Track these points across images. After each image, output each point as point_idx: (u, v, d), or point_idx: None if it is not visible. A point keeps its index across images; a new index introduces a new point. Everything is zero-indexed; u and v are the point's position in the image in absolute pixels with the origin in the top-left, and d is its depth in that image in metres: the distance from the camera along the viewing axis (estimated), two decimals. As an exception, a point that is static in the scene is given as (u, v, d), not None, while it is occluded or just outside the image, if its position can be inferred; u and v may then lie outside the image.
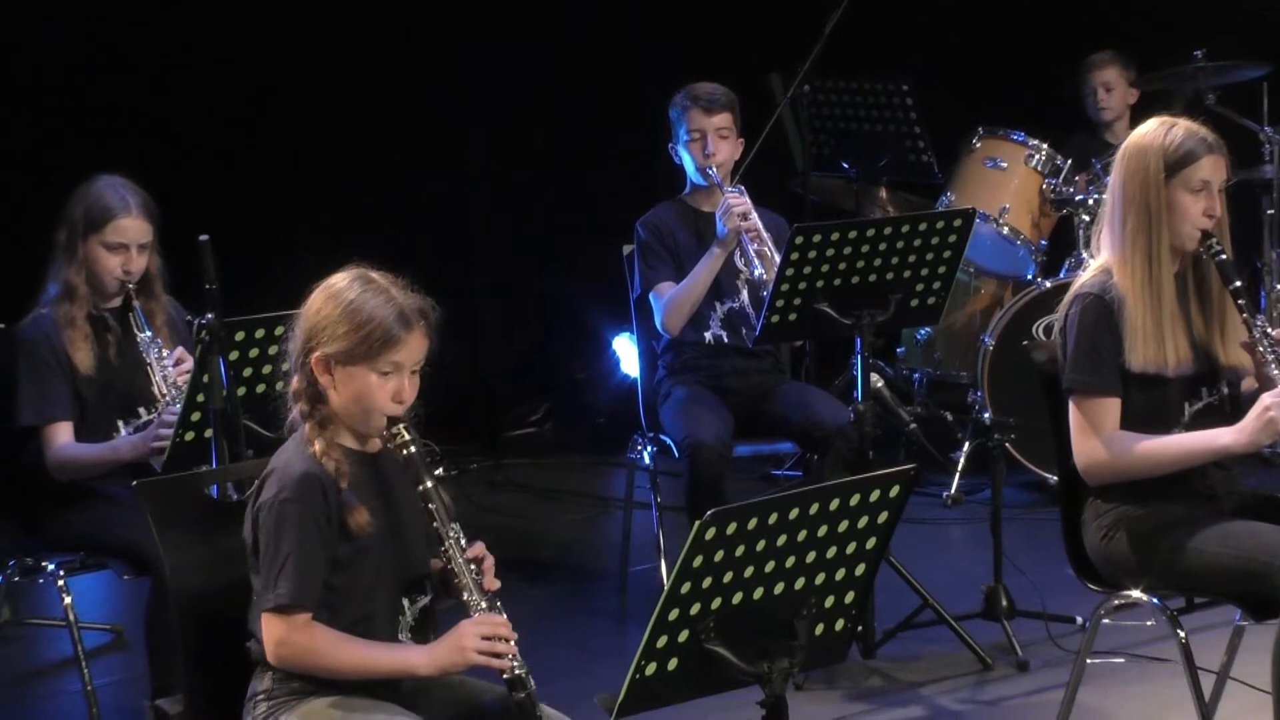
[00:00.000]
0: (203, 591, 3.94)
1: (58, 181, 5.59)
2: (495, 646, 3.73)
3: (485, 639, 3.73)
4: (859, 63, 8.25)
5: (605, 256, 6.71)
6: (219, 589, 3.90)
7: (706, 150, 6.32)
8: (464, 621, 3.77)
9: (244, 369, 5.08)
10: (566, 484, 8.38)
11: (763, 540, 3.45)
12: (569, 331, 9.06)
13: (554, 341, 9.14)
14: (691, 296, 6.28)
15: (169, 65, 8.04)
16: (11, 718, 5.76)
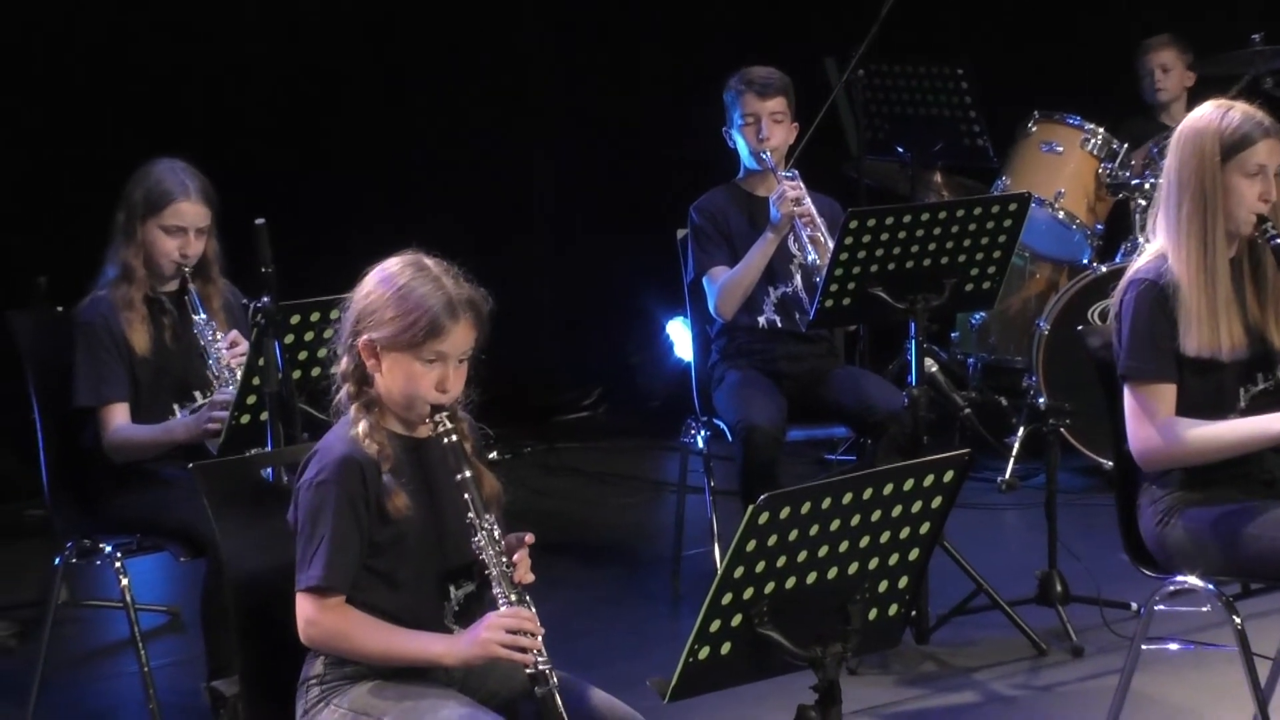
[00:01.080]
0: (258, 574, 3.96)
1: (117, 165, 5.62)
2: (519, 641, 3.71)
3: (510, 633, 3.72)
4: (914, 46, 8.23)
5: (659, 241, 6.71)
6: (274, 571, 3.92)
7: (761, 135, 6.31)
8: (490, 614, 3.77)
9: (299, 352, 5.10)
10: (620, 468, 8.38)
11: (816, 525, 3.45)
12: (623, 316, 9.06)
13: (608, 326, 9.15)
14: (745, 281, 6.28)
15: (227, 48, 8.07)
16: (70, 698, 5.80)
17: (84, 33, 7.73)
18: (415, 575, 3.85)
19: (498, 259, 6.44)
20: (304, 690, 3.86)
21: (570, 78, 8.91)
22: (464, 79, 8.69)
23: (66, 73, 7.67)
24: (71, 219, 7.39)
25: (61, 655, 5.96)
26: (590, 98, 8.92)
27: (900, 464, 3.60)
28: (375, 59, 8.41)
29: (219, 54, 8.06)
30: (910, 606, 3.73)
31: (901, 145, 8.23)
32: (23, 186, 7.57)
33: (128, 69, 7.83)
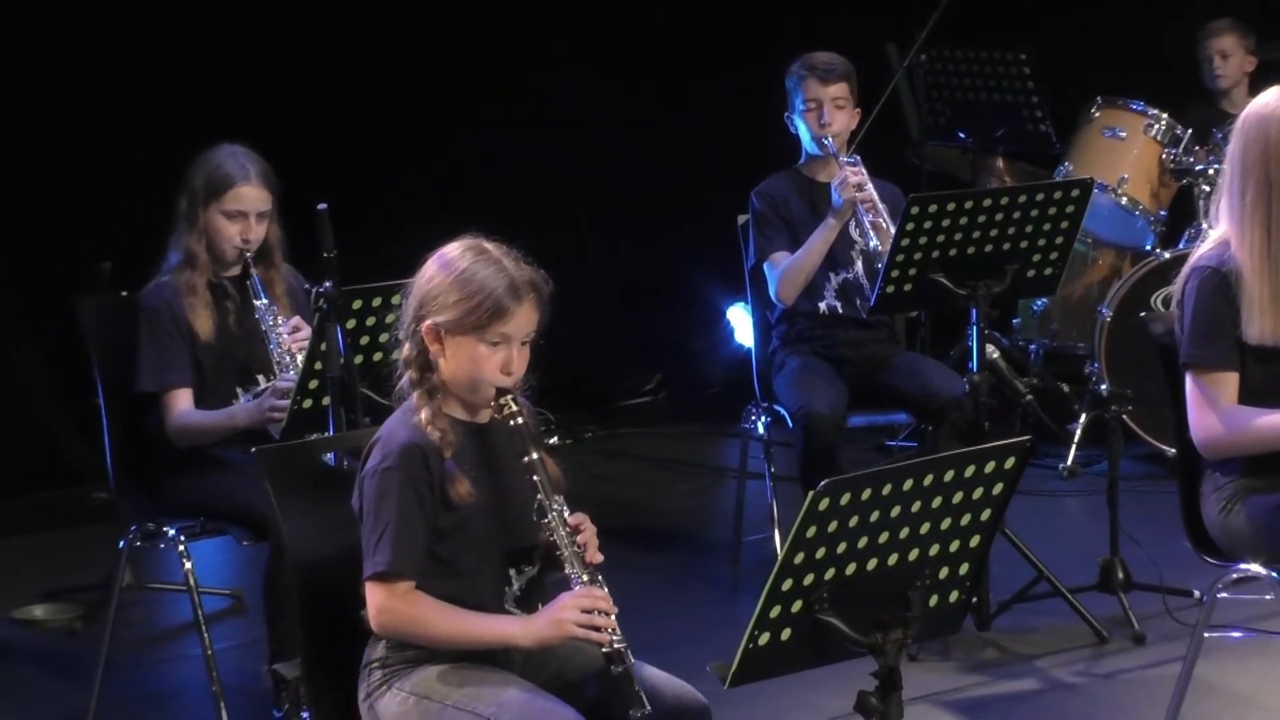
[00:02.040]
0: (320, 558, 3.98)
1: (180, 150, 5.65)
2: (594, 620, 3.73)
3: (585, 612, 3.74)
4: (977, 31, 8.20)
5: (720, 226, 6.71)
6: (336, 556, 3.94)
7: (822, 120, 6.30)
8: (564, 594, 3.78)
9: (361, 337, 5.11)
10: (680, 454, 8.39)
11: (876, 511, 3.45)
12: (683, 301, 9.06)
13: (668, 311, 9.15)
14: (806, 267, 6.27)
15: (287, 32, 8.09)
16: (134, 680, 5.84)
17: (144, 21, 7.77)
18: (477, 560, 3.87)
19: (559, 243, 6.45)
20: (366, 673, 3.88)
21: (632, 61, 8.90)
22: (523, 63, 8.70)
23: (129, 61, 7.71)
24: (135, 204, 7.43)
25: (126, 638, 6.00)
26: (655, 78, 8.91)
27: (961, 450, 3.60)
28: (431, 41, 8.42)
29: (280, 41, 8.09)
30: (971, 593, 3.72)
31: (963, 131, 8.21)
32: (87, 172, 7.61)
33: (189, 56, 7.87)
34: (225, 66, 7.93)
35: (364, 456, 3.87)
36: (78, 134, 7.58)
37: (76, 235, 7.52)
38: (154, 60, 7.79)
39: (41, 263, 7.29)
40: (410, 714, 3.80)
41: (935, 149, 8.33)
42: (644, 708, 3.68)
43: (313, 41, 8.17)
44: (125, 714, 5.60)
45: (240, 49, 7.97)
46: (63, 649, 6.20)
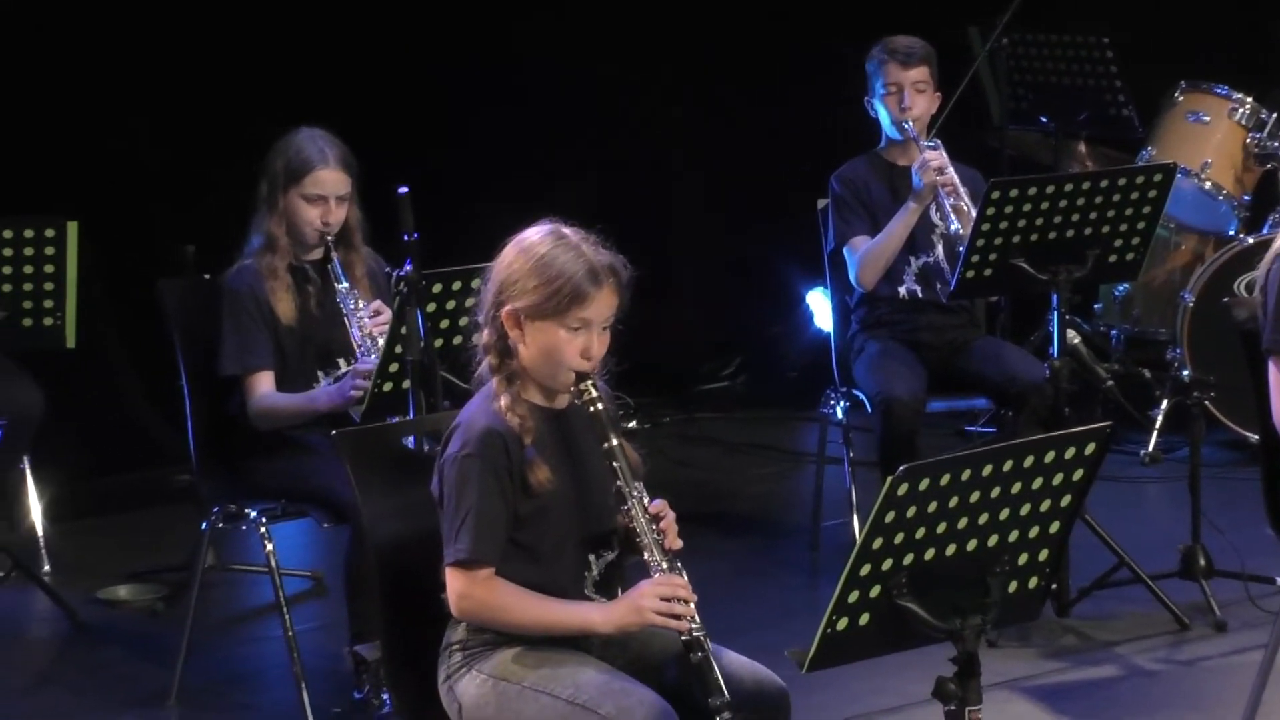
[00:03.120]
0: (400, 541, 4.00)
1: (261, 134, 5.68)
2: (674, 608, 3.74)
3: (664, 599, 3.75)
4: (1059, 15, 8.15)
5: (800, 211, 6.69)
6: (416, 539, 3.95)
7: (903, 104, 6.28)
8: (643, 581, 3.79)
9: (441, 320, 5.13)
10: (758, 438, 8.38)
11: (956, 496, 3.44)
12: (762, 286, 9.04)
13: (747, 296, 9.13)
14: (886, 251, 6.25)
15: (369, 17, 8.12)
16: (216, 661, 5.88)
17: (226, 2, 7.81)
18: (557, 546, 3.88)
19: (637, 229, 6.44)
20: (445, 656, 3.90)
21: (711, 47, 8.89)
22: (602, 49, 8.70)
23: (212, 44, 7.76)
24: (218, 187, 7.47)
25: (208, 619, 6.04)
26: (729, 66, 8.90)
27: (1041, 436, 3.58)
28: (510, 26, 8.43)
29: (362, 23, 8.11)
30: (1050, 579, 3.71)
31: (1045, 115, 8.16)
32: (171, 156, 7.66)
33: (271, 38, 7.90)
34: (307, 49, 7.96)
35: (444, 442, 3.88)
36: (162, 117, 7.63)
37: (160, 218, 7.58)
38: (236, 43, 7.83)
39: (126, 246, 7.34)
40: (489, 696, 3.82)
41: (1017, 133, 8.28)
42: (722, 695, 3.69)
43: (395, 23, 8.20)
44: (207, 694, 5.64)
45: (322, 31, 8.00)
46: (146, 629, 6.25)
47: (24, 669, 5.95)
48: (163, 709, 5.53)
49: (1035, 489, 3.53)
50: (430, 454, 4.09)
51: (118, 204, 7.43)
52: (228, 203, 5.78)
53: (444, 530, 3.81)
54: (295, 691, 5.39)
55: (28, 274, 5.84)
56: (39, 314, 5.90)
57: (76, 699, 5.64)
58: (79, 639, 6.17)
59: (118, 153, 7.57)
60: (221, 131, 7.57)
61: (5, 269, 5.82)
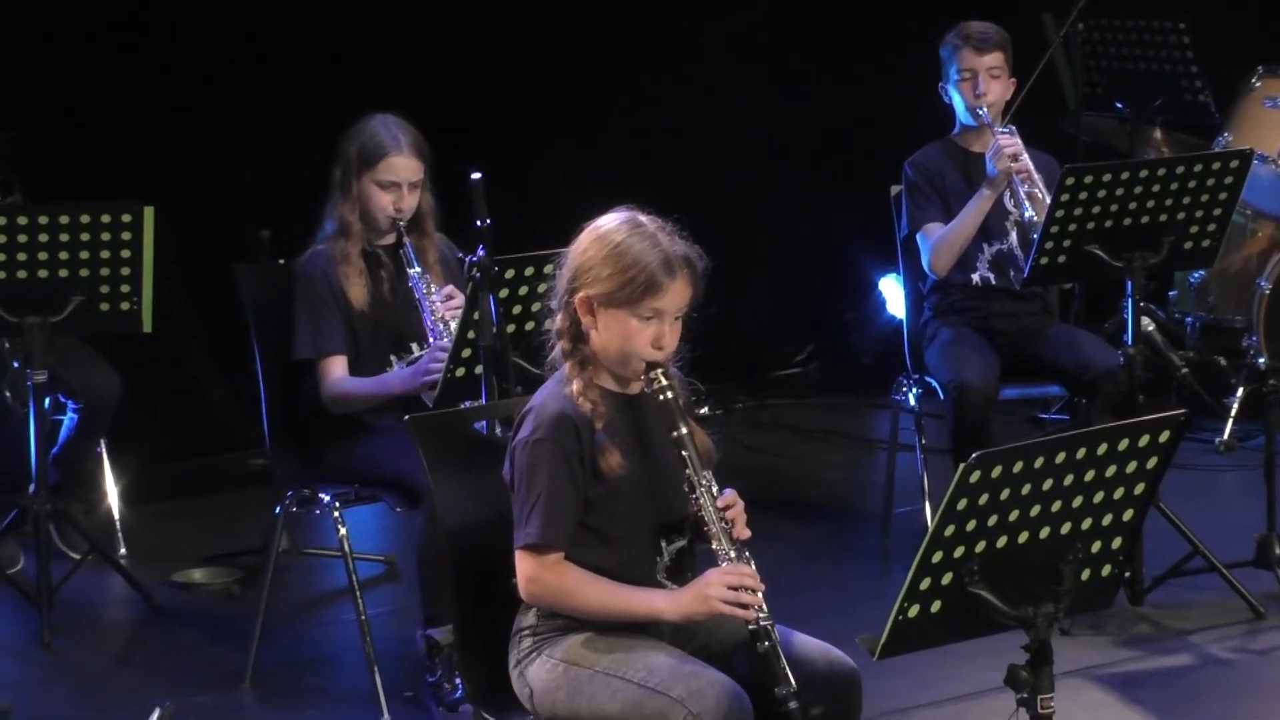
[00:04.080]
0: (472, 526, 4.02)
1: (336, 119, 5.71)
2: (741, 597, 3.74)
3: (731, 588, 3.75)
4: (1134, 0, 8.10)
5: (873, 197, 6.68)
6: (488, 523, 3.97)
7: (977, 90, 6.26)
8: (711, 570, 3.80)
9: (514, 306, 5.14)
10: (831, 425, 8.36)
11: (1028, 484, 3.43)
12: (835, 272, 9.03)
13: (820, 282, 9.12)
14: (960, 238, 6.23)
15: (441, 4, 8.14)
16: (290, 644, 5.91)
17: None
18: (628, 531, 3.88)
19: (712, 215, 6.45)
20: (516, 640, 3.92)
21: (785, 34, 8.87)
22: (679, 33, 8.70)
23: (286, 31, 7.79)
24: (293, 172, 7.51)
25: (282, 602, 6.08)
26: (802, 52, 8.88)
27: (1115, 424, 3.57)
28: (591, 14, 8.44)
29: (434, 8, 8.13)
30: (1124, 567, 3.70)
31: (1120, 101, 8.12)
32: (246, 141, 7.70)
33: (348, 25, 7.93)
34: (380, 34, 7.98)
35: (516, 426, 3.90)
36: (238, 102, 7.67)
37: (235, 203, 7.62)
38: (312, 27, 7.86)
39: (201, 230, 7.39)
40: (560, 680, 3.83)
41: (1092, 119, 8.24)
42: (789, 684, 3.69)
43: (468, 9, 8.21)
44: (281, 677, 5.68)
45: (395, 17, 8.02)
46: (221, 612, 6.30)
47: (100, 651, 6.00)
48: (237, 691, 5.57)
49: (1109, 476, 3.52)
50: (502, 439, 4.10)
51: (194, 188, 7.48)
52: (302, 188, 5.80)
53: (514, 514, 3.83)
54: (368, 675, 5.42)
55: (104, 259, 5.89)
56: (116, 298, 5.94)
57: (152, 681, 5.68)
58: (155, 621, 6.22)
59: (194, 137, 7.61)
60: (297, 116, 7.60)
61: (82, 254, 5.87)
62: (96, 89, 7.43)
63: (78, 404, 6.48)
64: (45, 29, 7.33)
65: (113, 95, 7.48)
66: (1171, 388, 7.51)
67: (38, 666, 5.84)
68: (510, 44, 8.35)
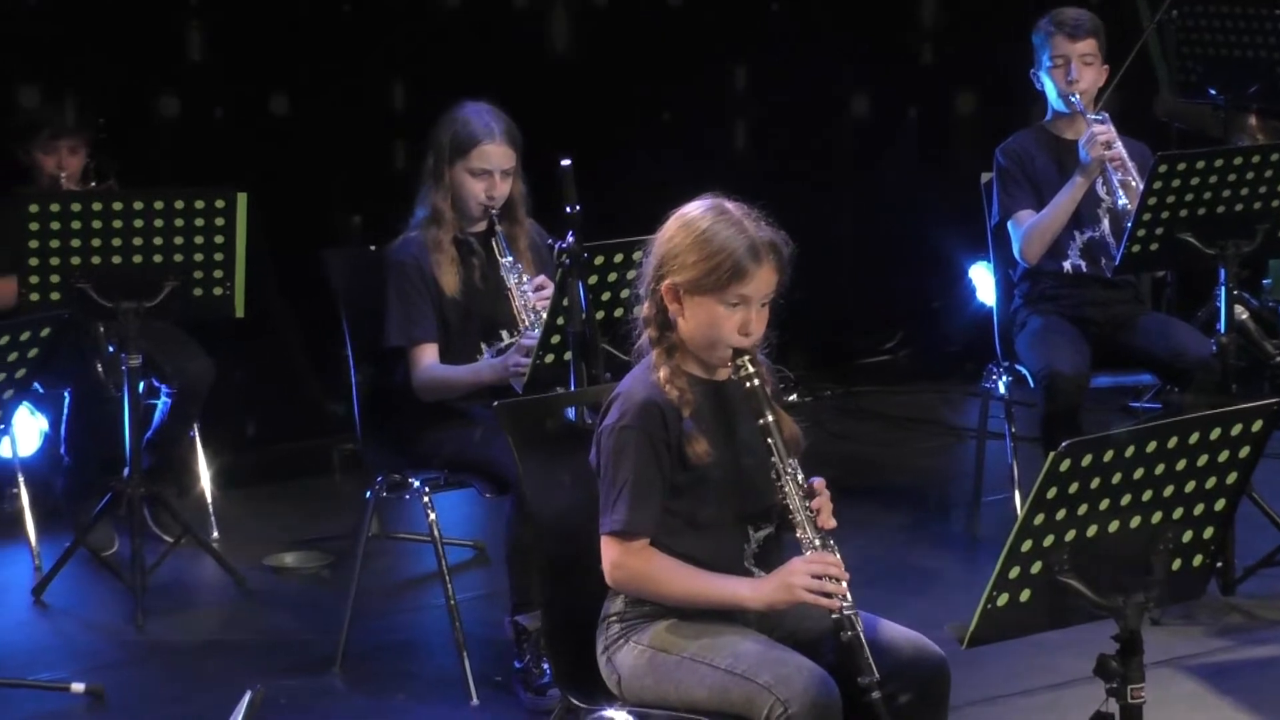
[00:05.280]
0: (560, 512, 4.03)
1: (428, 106, 5.73)
2: (825, 586, 3.73)
3: (815, 577, 3.74)
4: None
5: (964, 184, 6.65)
6: (577, 509, 3.98)
7: (1070, 77, 6.22)
8: (795, 559, 3.79)
9: (603, 293, 5.15)
10: (919, 412, 8.34)
11: (1119, 473, 3.41)
12: (925, 259, 9.00)
13: (910, 269, 9.09)
14: (1052, 226, 6.20)
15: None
16: (380, 628, 5.95)
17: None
18: (715, 518, 3.89)
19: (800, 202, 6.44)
20: (604, 627, 3.93)
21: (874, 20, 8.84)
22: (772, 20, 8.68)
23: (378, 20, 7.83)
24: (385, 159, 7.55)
25: (372, 586, 6.11)
26: (895, 39, 8.85)
27: (1207, 412, 3.54)
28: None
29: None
30: (1216, 557, 3.67)
31: (1215, 87, 8.04)
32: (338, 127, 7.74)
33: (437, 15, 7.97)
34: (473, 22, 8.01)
35: (602, 412, 3.90)
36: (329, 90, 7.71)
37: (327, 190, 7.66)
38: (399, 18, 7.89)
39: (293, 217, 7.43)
40: (647, 666, 3.84)
41: (1186, 106, 8.17)
42: (872, 674, 3.68)
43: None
44: (371, 661, 5.71)
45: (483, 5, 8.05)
46: (311, 596, 6.34)
47: (192, 634, 6.05)
48: (327, 675, 5.60)
49: (1200, 466, 3.50)
50: (590, 425, 4.11)
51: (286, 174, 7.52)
52: (394, 174, 5.83)
53: (600, 500, 3.84)
54: (457, 660, 5.44)
55: (198, 244, 5.94)
56: (209, 284, 5.99)
57: (242, 664, 5.73)
58: (246, 605, 6.27)
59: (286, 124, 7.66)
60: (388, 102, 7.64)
61: (176, 239, 5.92)
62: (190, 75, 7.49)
63: (171, 389, 6.54)
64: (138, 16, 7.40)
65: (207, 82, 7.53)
66: (1265, 377, 7.45)
67: (130, 649, 5.90)
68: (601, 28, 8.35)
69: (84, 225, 5.87)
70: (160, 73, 7.47)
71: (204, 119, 7.49)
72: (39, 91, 7.15)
